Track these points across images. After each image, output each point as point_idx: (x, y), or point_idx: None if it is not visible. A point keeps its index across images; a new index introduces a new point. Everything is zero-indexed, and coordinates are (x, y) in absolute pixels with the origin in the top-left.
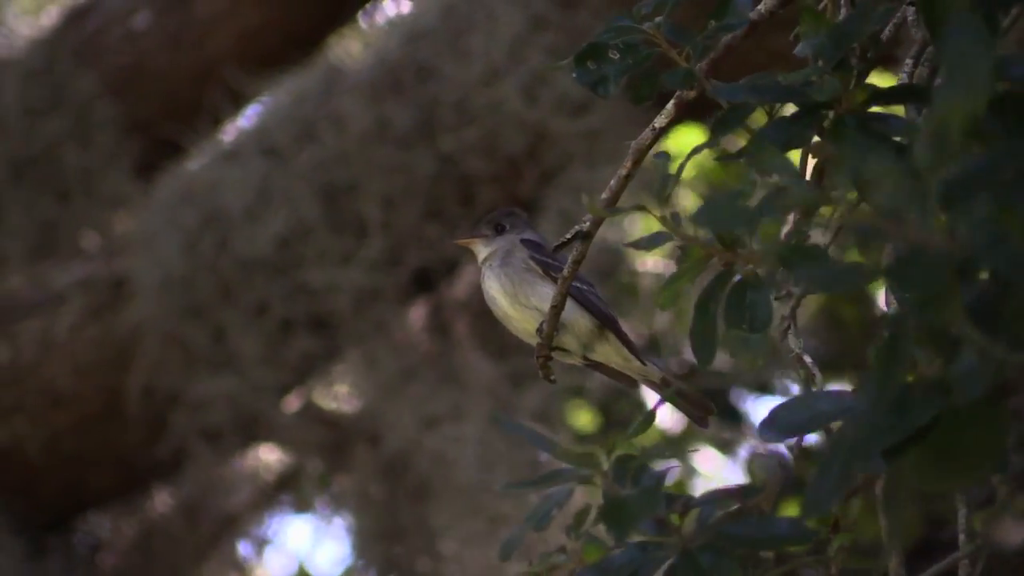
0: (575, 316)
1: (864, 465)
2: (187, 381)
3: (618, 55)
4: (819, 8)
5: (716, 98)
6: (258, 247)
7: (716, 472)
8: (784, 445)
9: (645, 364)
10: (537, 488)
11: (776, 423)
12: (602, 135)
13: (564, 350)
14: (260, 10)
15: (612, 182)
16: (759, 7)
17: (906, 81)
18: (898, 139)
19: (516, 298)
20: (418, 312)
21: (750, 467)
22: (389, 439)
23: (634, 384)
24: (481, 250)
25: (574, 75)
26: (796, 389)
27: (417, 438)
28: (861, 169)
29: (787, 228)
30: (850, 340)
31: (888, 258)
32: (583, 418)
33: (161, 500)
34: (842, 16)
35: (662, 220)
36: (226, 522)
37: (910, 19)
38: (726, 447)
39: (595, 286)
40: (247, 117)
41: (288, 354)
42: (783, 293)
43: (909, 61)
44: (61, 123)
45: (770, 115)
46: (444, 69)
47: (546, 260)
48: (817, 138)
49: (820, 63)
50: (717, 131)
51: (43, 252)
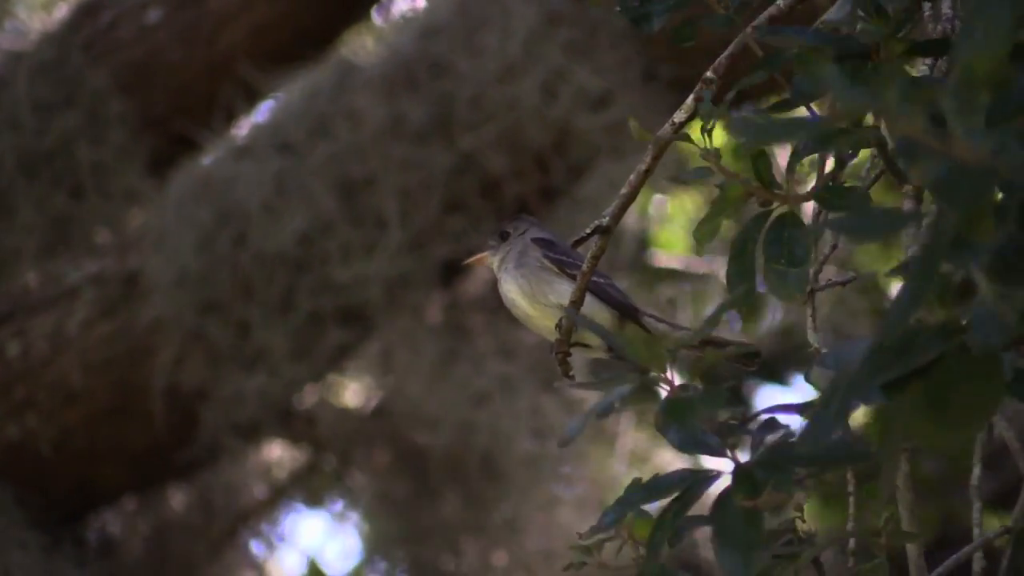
0: (594, 310)
1: (863, 397)
2: (212, 378)
3: None
4: None
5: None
6: (277, 242)
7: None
8: None
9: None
10: (601, 388)
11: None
12: (625, 127)
13: (586, 345)
14: (273, 5)
15: (632, 177)
16: (778, 2)
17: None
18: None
19: (535, 297)
20: (433, 308)
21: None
22: (439, 424)
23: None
24: (492, 261)
25: (617, 9)
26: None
27: (469, 419)
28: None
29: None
30: (865, 333)
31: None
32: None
33: (175, 497)
34: None
35: (703, 154)
36: (240, 518)
37: None
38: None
39: (612, 278)
40: (261, 112)
41: (319, 348)
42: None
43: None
44: (74, 119)
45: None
46: (459, 65)
47: (560, 257)
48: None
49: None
50: (759, 70)
51: (56, 248)
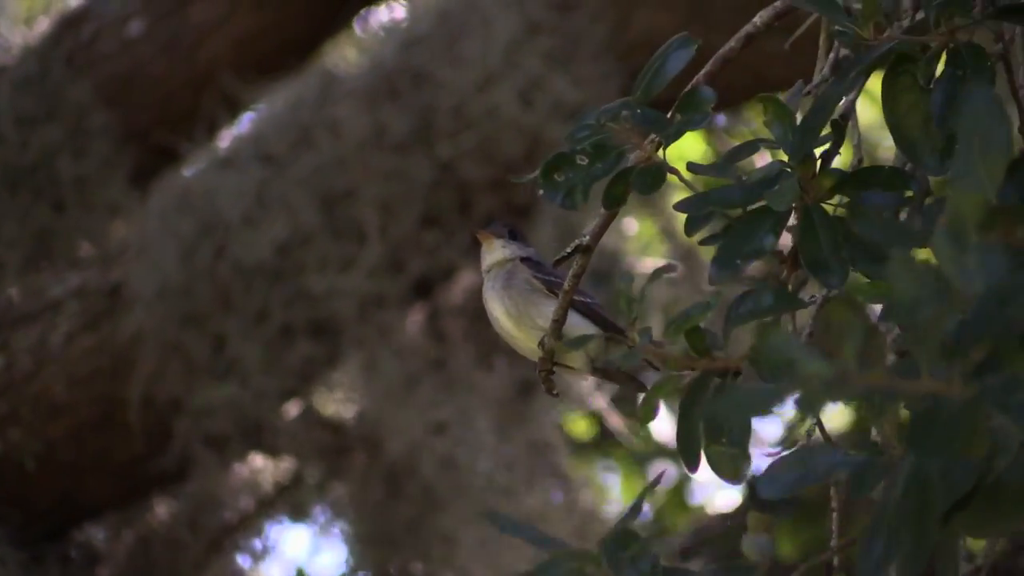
0: (577, 328)
1: (919, 539)
2: (188, 389)
3: (586, 160)
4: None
5: (680, 211)
6: (256, 254)
7: (711, 478)
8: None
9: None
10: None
11: (774, 481)
12: None
13: (567, 365)
14: (255, 16)
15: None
16: (755, 19)
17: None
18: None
19: (520, 319)
20: (415, 318)
21: (745, 547)
22: (393, 445)
23: (642, 388)
24: (496, 249)
25: (541, 193)
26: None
27: (423, 443)
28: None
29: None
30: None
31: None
32: (579, 426)
33: (160, 510)
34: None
35: (632, 342)
36: (224, 531)
37: None
38: None
39: (596, 298)
40: (243, 124)
41: (290, 360)
42: None
43: None
44: (56, 132)
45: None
46: (440, 75)
47: (549, 278)
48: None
49: (783, 159)
50: (689, 230)
51: (38, 261)
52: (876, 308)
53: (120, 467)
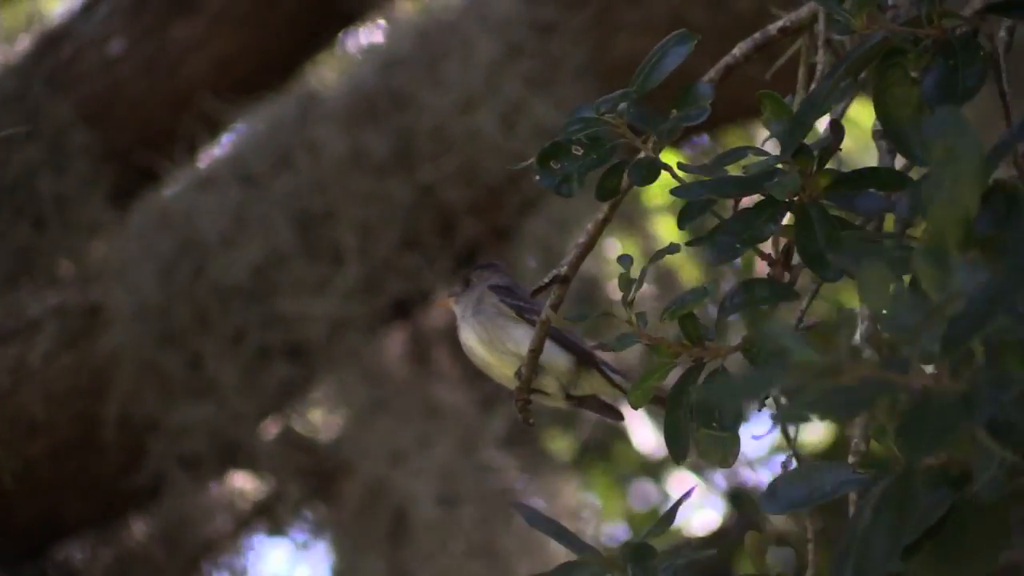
0: (553, 357)
1: (880, 566)
2: (164, 409)
3: (581, 151)
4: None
5: (678, 196)
6: (234, 275)
7: (696, 498)
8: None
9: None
10: None
11: (777, 498)
12: None
13: (544, 393)
14: (235, 37)
15: (589, 226)
16: (734, 51)
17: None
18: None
19: (492, 344)
20: (395, 340)
21: (769, 558)
22: (360, 471)
23: (620, 418)
24: (456, 308)
25: (536, 178)
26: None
27: (386, 472)
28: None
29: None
30: None
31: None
32: (559, 443)
33: (138, 528)
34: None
35: (628, 324)
36: (203, 549)
37: None
38: (704, 473)
39: (572, 330)
40: (223, 144)
41: (266, 381)
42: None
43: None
44: (36, 150)
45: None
46: (420, 97)
47: (517, 303)
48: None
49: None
50: (682, 222)
51: (18, 279)
52: None
53: (98, 485)
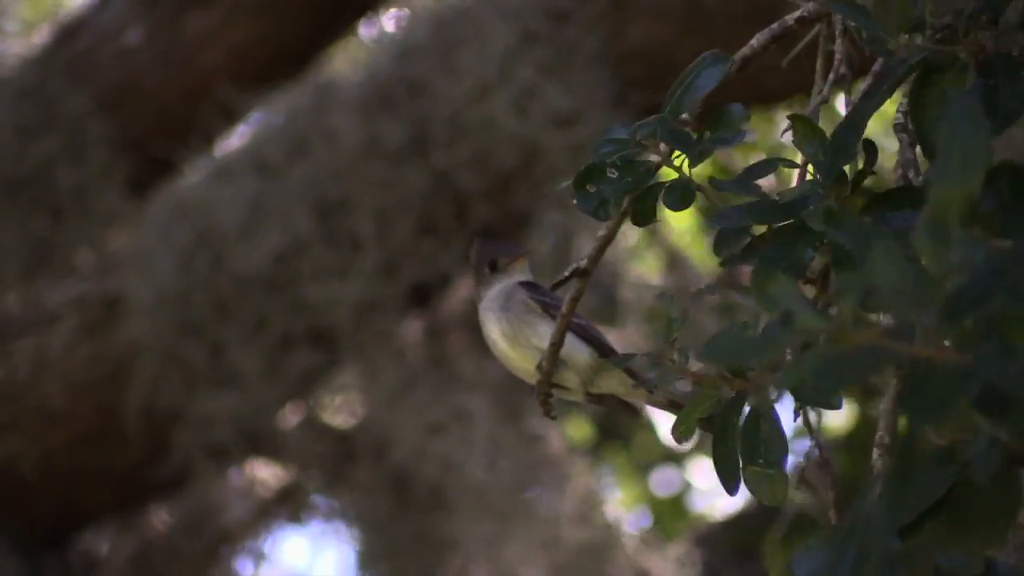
0: (574, 351)
1: (882, 547)
2: (186, 398)
3: (616, 173)
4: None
5: (715, 224)
6: (253, 263)
7: (714, 486)
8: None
9: (648, 390)
10: None
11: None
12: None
13: (564, 387)
14: (251, 26)
15: (600, 232)
16: (752, 42)
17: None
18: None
19: (516, 340)
20: (413, 327)
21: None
22: (394, 450)
23: (636, 415)
24: (482, 289)
25: (575, 201)
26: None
27: (422, 447)
28: (865, 272)
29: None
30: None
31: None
32: (579, 430)
33: (159, 517)
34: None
35: (670, 363)
36: (224, 538)
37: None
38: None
39: (592, 323)
40: (240, 133)
41: (288, 369)
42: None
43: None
44: (53, 141)
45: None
46: (435, 84)
47: (545, 299)
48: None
49: (817, 177)
50: (719, 249)
51: (37, 270)
52: None
53: (119, 475)
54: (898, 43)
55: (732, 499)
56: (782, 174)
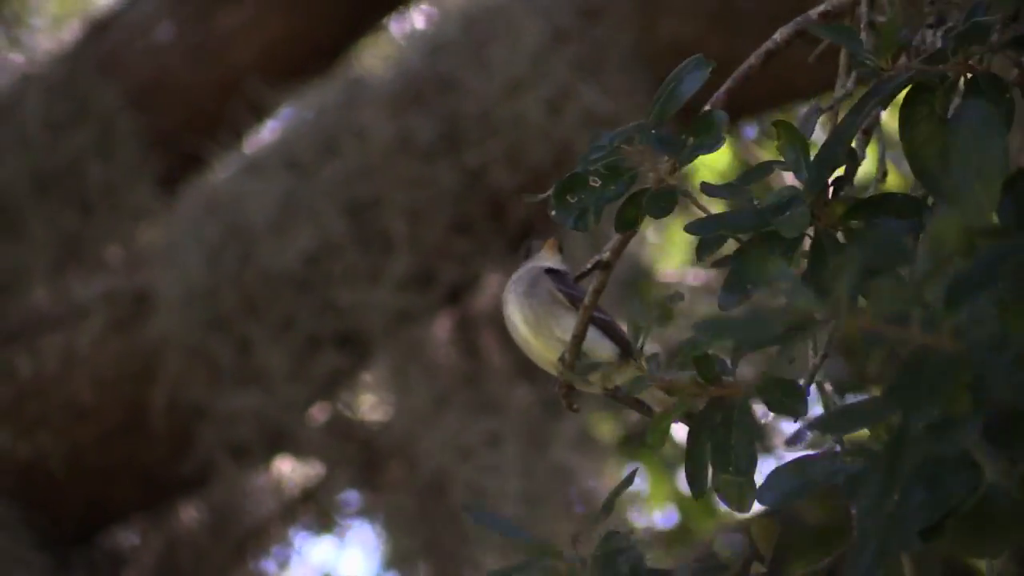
0: (596, 345)
1: (904, 545)
2: (212, 395)
3: (599, 182)
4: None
5: (692, 233)
6: (283, 261)
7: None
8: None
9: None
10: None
11: (772, 489)
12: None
13: (585, 380)
14: (282, 22)
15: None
16: (775, 36)
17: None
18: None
19: (539, 328)
20: (443, 325)
21: (716, 545)
22: (423, 462)
23: (651, 415)
24: (547, 260)
25: (553, 213)
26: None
27: (451, 467)
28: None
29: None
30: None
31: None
32: (604, 428)
33: (186, 514)
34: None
35: (640, 370)
36: (251, 536)
37: None
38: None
39: (614, 318)
40: (270, 129)
41: (315, 369)
42: None
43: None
44: (84, 137)
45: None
46: (466, 81)
47: (571, 291)
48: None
49: (798, 186)
50: (700, 254)
51: (66, 265)
52: None
53: (147, 471)
54: (888, 63)
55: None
56: None
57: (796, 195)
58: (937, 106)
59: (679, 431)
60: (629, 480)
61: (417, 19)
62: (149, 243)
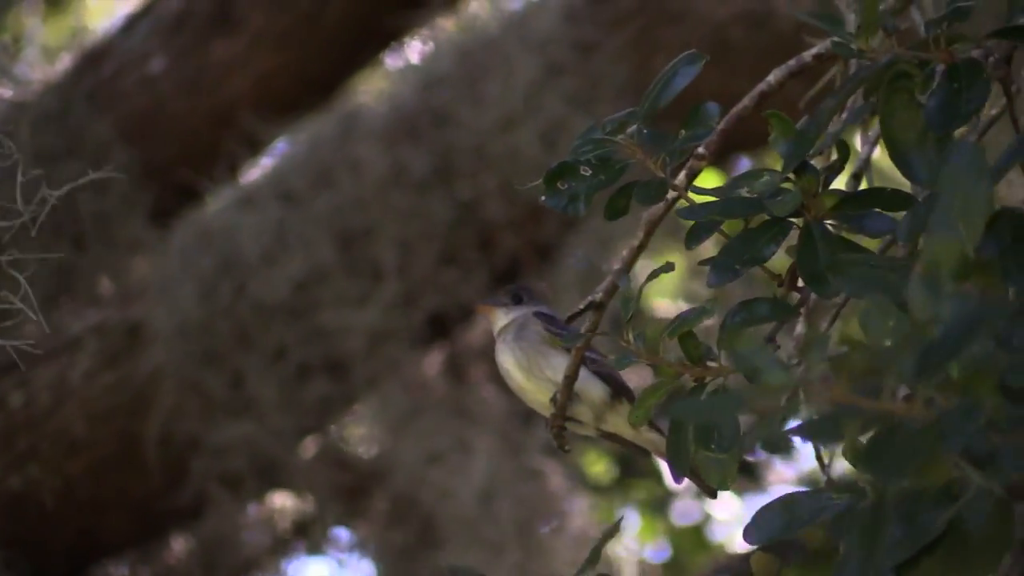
0: (588, 385)
1: None
2: (205, 427)
3: (590, 171)
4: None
5: (685, 218)
6: (274, 292)
7: (735, 517)
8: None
9: (659, 434)
10: None
11: (759, 528)
12: None
13: (578, 421)
14: (276, 55)
15: (625, 252)
16: (769, 78)
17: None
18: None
19: (530, 371)
20: (434, 359)
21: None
22: (396, 478)
23: (648, 454)
24: (500, 318)
25: (543, 198)
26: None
27: (422, 475)
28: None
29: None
30: None
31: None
32: (599, 466)
33: (177, 546)
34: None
35: (627, 344)
36: (242, 568)
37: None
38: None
39: (607, 357)
40: (264, 162)
41: (305, 399)
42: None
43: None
44: (76, 169)
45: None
46: (460, 115)
47: (560, 332)
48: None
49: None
50: (689, 242)
51: (58, 298)
52: None
53: (138, 504)
54: (868, 46)
55: None
56: None
57: (784, 181)
58: (916, 92)
59: (666, 469)
60: (616, 527)
61: (411, 53)
62: (142, 276)
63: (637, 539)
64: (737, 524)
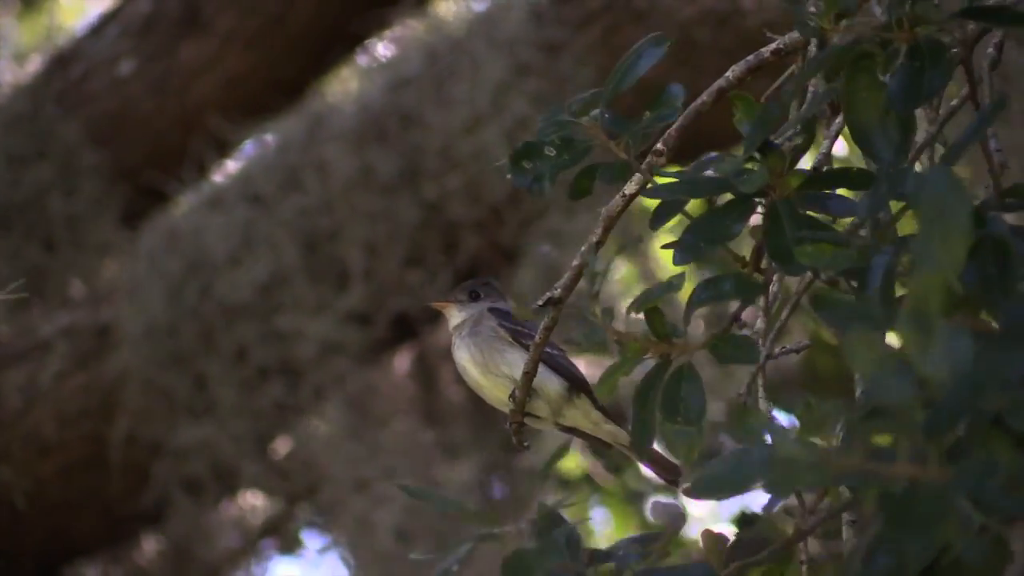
0: (545, 381)
1: None
2: (169, 430)
3: (554, 151)
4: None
5: (650, 197)
6: (240, 294)
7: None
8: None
9: (616, 426)
10: (445, 554)
11: (705, 483)
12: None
13: (536, 416)
14: (244, 57)
15: (583, 248)
16: (728, 73)
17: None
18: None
19: (486, 367)
20: (402, 359)
21: (650, 512)
22: (323, 494)
23: (609, 446)
24: (455, 315)
25: (509, 177)
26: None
27: (345, 499)
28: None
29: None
30: (828, 393)
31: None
32: (569, 463)
33: (148, 547)
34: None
35: (594, 318)
36: (213, 569)
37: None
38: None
39: (565, 351)
40: (232, 164)
41: (261, 402)
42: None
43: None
44: (46, 171)
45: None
46: (428, 116)
47: (515, 327)
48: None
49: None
50: (654, 222)
51: (28, 300)
52: None
53: (109, 505)
54: (831, 26)
55: (726, 528)
56: None
57: (749, 159)
58: (879, 71)
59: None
60: (565, 448)
61: (379, 54)
62: (111, 278)
63: (611, 535)
64: (712, 521)
